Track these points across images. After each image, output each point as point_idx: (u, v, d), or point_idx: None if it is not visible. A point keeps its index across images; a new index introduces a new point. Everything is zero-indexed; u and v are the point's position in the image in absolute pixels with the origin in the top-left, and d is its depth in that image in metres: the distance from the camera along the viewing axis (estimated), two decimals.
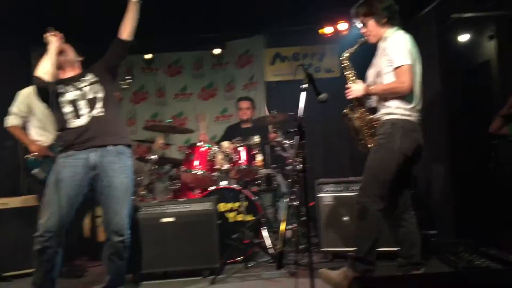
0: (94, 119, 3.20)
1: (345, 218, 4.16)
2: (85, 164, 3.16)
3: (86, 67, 3.42)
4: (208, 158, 4.65)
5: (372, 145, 3.22)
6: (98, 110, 3.23)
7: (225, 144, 4.78)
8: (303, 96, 2.93)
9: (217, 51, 6.90)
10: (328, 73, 6.69)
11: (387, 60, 3.13)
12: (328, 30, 6.33)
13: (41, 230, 3.03)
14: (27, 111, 4.32)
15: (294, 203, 4.42)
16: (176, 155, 6.21)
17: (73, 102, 3.22)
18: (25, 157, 4.25)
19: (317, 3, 5.59)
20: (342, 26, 6.20)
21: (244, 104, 5.68)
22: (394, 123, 3.11)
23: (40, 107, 4.24)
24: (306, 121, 2.97)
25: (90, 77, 3.30)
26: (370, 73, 3.34)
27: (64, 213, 3.06)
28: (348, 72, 3.35)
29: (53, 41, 3.23)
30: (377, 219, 3.13)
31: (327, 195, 4.24)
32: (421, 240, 3.32)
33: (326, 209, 4.24)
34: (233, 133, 5.38)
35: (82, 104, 3.22)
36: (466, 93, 4.88)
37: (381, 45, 3.21)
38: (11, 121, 4.32)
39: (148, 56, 6.91)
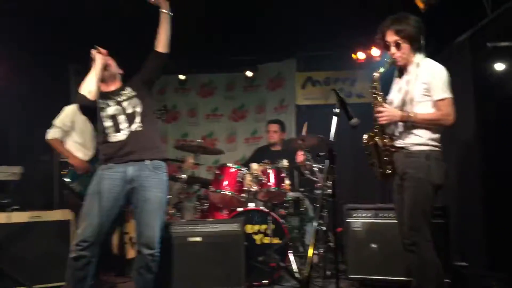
0: (132, 134, 3.28)
1: (374, 246, 4.09)
2: (123, 177, 3.23)
3: (125, 80, 3.51)
4: (237, 179, 4.68)
5: (388, 171, 3.10)
6: (137, 125, 3.31)
7: (254, 166, 4.81)
8: (334, 120, 2.94)
9: (249, 73, 6.99)
10: (360, 98, 6.68)
11: (424, 89, 3.03)
12: (360, 55, 6.35)
13: (78, 239, 3.10)
14: (69, 126, 4.48)
15: (322, 228, 4.43)
16: (205, 175, 6.27)
17: (113, 117, 3.30)
18: (63, 171, 4.38)
19: (350, 28, 5.62)
20: (375, 51, 6.21)
21: (273, 127, 5.71)
22: (428, 155, 3.01)
23: (82, 124, 4.38)
24: (336, 145, 2.98)
25: (128, 91, 3.39)
26: (396, 98, 3.17)
27: (101, 224, 3.13)
28: (378, 94, 3.15)
29: (98, 58, 3.31)
30: (435, 259, 2.98)
31: (356, 221, 4.19)
32: (452, 272, 3.23)
33: (354, 236, 4.18)
34: (262, 155, 5.40)
35: (122, 119, 3.30)
36: (501, 124, 4.78)
37: (412, 71, 3.10)
38: (53, 134, 4.46)
39: (182, 76, 7.06)
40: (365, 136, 3.14)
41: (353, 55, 6.40)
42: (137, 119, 3.32)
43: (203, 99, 7.24)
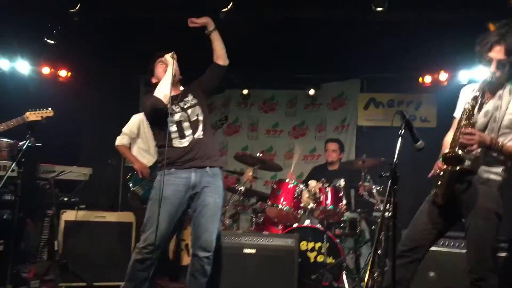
0: (195, 141, 3.38)
1: (432, 274, 3.96)
2: (186, 183, 3.33)
3: (184, 87, 3.61)
4: (294, 195, 4.70)
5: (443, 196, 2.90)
6: (200, 133, 3.42)
7: (312, 183, 4.82)
8: (399, 142, 2.91)
9: (311, 91, 7.02)
10: (424, 122, 6.54)
11: (510, 119, 2.82)
12: (427, 79, 6.24)
13: (145, 242, 3.23)
14: (136, 133, 4.73)
15: (378, 252, 4.34)
16: (262, 189, 6.33)
17: (179, 123, 3.40)
18: (129, 175, 4.60)
19: (418, 52, 5.55)
20: (443, 76, 6.08)
21: (332, 146, 5.69)
22: (500, 186, 2.86)
23: (147, 131, 4.60)
24: (398, 168, 2.93)
25: (191, 99, 3.50)
26: (480, 121, 2.88)
27: (166, 228, 3.25)
28: (470, 114, 2.81)
29: (172, 63, 3.39)
30: None
31: None
32: None
33: None
34: (319, 173, 5.39)
35: (186, 125, 3.41)
36: None
37: (504, 97, 2.84)
38: (121, 140, 4.72)
39: (245, 91, 7.19)
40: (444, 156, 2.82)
41: (419, 79, 6.30)
42: (200, 127, 3.43)
43: (265, 114, 7.34)
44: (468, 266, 2.87)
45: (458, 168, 2.76)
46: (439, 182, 2.91)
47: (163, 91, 3.29)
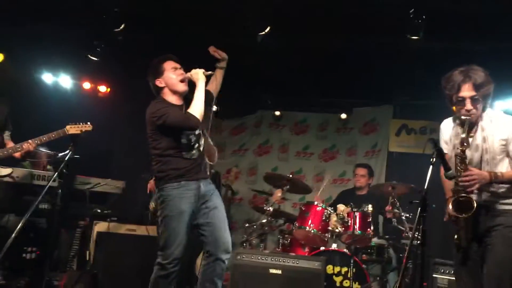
0: (201, 153, 3.43)
1: None
2: (196, 194, 3.35)
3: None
4: (322, 218, 4.71)
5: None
6: (203, 145, 3.46)
7: (341, 207, 4.82)
8: (430, 170, 2.91)
9: (343, 115, 7.05)
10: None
11: (502, 145, 2.88)
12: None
13: (171, 258, 3.25)
14: None
15: (406, 280, 4.29)
16: (290, 211, 6.34)
17: (188, 135, 3.35)
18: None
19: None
20: None
21: (361, 171, 5.68)
22: None
23: None
24: (428, 196, 2.93)
25: None
26: (474, 157, 2.93)
27: (187, 241, 3.30)
28: (463, 156, 2.87)
29: (203, 78, 3.36)
30: None
31: (443, 277, 4.04)
32: None
33: None
34: (347, 198, 5.39)
35: (194, 138, 3.37)
36: None
37: (487, 127, 2.91)
38: None
39: (277, 112, 7.28)
40: (455, 205, 2.84)
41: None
42: (204, 138, 3.46)
43: (296, 136, 7.38)
44: None
45: (470, 213, 2.77)
46: (458, 229, 2.92)
47: (200, 110, 3.28)
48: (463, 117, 2.88)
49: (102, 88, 6.73)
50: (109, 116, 6.40)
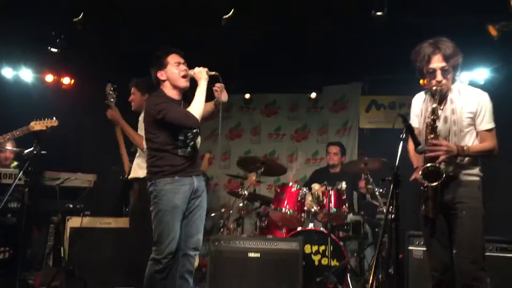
0: (196, 150, 3.43)
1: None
2: (190, 188, 3.36)
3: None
4: (298, 199, 4.73)
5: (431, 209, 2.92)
6: (199, 143, 3.46)
7: (316, 186, 4.84)
8: (401, 146, 2.94)
9: (313, 95, 7.06)
10: None
11: (469, 118, 2.93)
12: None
13: (165, 252, 3.23)
14: None
15: (382, 254, 4.37)
16: (266, 193, 6.36)
17: (186, 132, 3.36)
18: None
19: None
20: None
21: (333, 149, 5.72)
22: (479, 186, 2.94)
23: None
24: (400, 170, 2.96)
25: None
26: (443, 129, 2.96)
27: (180, 235, 3.30)
28: (433, 126, 2.91)
29: (206, 77, 3.33)
30: None
31: (418, 248, 4.10)
32: None
33: (415, 264, 4.09)
34: (321, 176, 5.42)
35: (190, 135, 3.37)
36: None
37: (456, 99, 2.95)
38: None
39: (247, 95, 7.24)
40: (425, 173, 2.86)
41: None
42: (199, 138, 3.47)
43: (267, 118, 7.38)
44: (460, 268, 2.88)
45: (439, 182, 2.82)
46: (426, 198, 2.94)
47: (200, 111, 3.26)
48: (434, 88, 2.91)
49: (66, 80, 6.54)
50: (75, 108, 6.23)
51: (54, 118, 3.82)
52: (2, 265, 4.58)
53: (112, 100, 4.09)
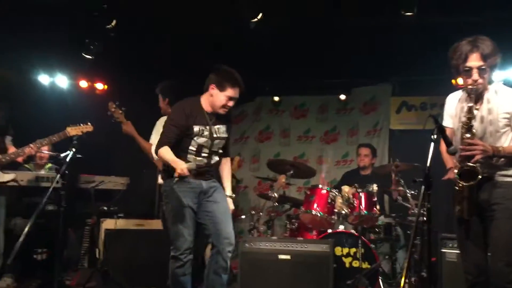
0: (209, 163, 3.53)
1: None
2: (197, 189, 3.44)
3: None
4: (328, 201, 4.72)
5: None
6: (214, 160, 3.55)
7: (346, 188, 4.82)
8: (432, 147, 2.91)
9: (342, 96, 7.03)
10: None
11: (506, 119, 2.86)
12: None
13: (182, 248, 3.35)
14: None
15: (414, 256, 4.31)
16: (295, 195, 6.36)
17: (200, 146, 3.46)
18: None
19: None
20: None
21: (364, 151, 5.68)
22: None
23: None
24: (431, 172, 2.93)
25: (223, 131, 3.56)
26: (479, 129, 2.89)
27: (194, 232, 3.41)
28: (470, 126, 2.84)
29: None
30: None
31: (451, 251, 4.04)
32: None
33: (449, 266, 4.03)
34: (351, 179, 5.40)
35: (206, 151, 3.49)
36: None
37: (492, 99, 2.89)
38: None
39: (276, 98, 7.26)
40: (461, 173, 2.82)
41: (452, 81, 6.21)
42: (216, 158, 3.56)
43: (296, 120, 7.39)
44: (494, 270, 2.82)
45: (475, 182, 2.76)
46: (461, 199, 2.89)
47: (161, 157, 3.35)
48: (469, 87, 2.84)
49: (99, 86, 6.70)
50: (108, 112, 6.37)
51: (89, 123, 3.93)
52: (41, 266, 4.73)
53: (118, 116, 4.25)
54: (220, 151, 3.55)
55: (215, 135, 3.46)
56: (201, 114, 3.43)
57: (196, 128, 3.39)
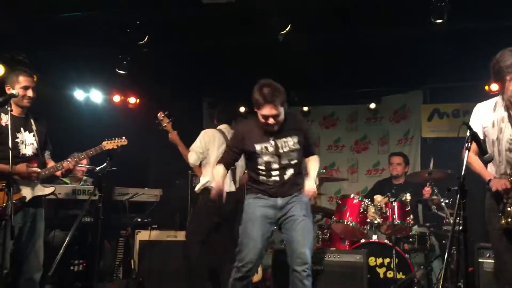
0: (281, 182, 3.48)
1: None
2: (273, 204, 3.44)
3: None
4: (360, 211, 4.68)
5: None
6: (288, 176, 3.49)
7: (378, 198, 4.77)
8: (466, 155, 2.87)
9: (372, 105, 6.99)
10: None
11: None
12: (494, 87, 6.03)
13: (245, 261, 3.34)
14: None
15: (451, 267, 4.23)
16: (327, 205, 6.33)
17: (268, 163, 3.45)
18: None
19: (483, 59, 5.39)
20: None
21: (396, 160, 5.61)
22: None
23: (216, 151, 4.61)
24: (466, 180, 2.88)
25: (292, 143, 3.48)
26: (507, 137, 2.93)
27: (260, 246, 3.37)
28: None
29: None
30: None
31: (489, 261, 3.95)
32: None
33: (486, 277, 3.94)
34: (383, 188, 5.33)
35: (275, 167, 3.47)
36: None
37: None
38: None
39: (305, 108, 7.27)
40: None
41: (485, 87, 6.11)
42: (290, 171, 3.49)
43: (326, 130, 7.38)
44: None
45: None
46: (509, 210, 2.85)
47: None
48: (507, 96, 2.83)
49: (132, 100, 6.86)
50: (140, 126, 6.51)
51: (124, 137, 4.02)
52: (78, 277, 4.84)
53: (165, 125, 4.46)
54: (293, 162, 3.43)
55: (281, 150, 3.40)
56: (258, 133, 3.41)
57: (258, 147, 3.39)
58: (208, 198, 4.25)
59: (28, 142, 3.57)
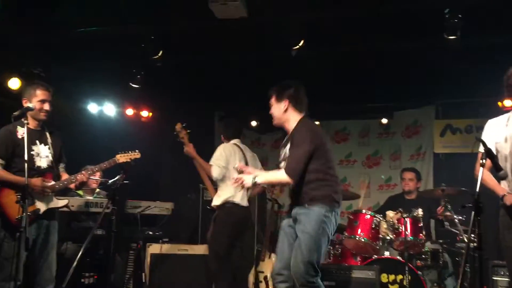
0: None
1: None
2: (290, 215, 3.47)
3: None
4: (372, 226, 4.65)
5: None
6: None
7: (390, 213, 4.75)
8: (481, 171, 2.85)
9: (384, 120, 6.98)
10: None
11: None
12: (507, 103, 6.00)
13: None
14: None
15: (464, 284, 4.17)
16: (338, 220, 6.28)
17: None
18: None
19: (496, 75, 5.38)
20: None
21: (408, 175, 5.58)
22: None
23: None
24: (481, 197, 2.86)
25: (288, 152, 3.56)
26: None
27: (289, 258, 3.32)
28: None
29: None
30: None
31: (503, 279, 3.90)
32: None
33: None
34: (395, 203, 5.30)
35: None
36: None
37: None
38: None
39: (316, 122, 7.22)
40: None
41: (498, 103, 6.07)
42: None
43: (337, 145, 7.35)
44: None
45: None
46: None
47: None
48: None
49: (144, 113, 6.93)
50: (153, 139, 6.57)
51: (137, 151, 4.05)
52: None
53: (183, 137, 4.44)
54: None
55: (279, 159, 3.53)
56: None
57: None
58: (229, 213, 4.32)
59: (43, 154, 3.62)
